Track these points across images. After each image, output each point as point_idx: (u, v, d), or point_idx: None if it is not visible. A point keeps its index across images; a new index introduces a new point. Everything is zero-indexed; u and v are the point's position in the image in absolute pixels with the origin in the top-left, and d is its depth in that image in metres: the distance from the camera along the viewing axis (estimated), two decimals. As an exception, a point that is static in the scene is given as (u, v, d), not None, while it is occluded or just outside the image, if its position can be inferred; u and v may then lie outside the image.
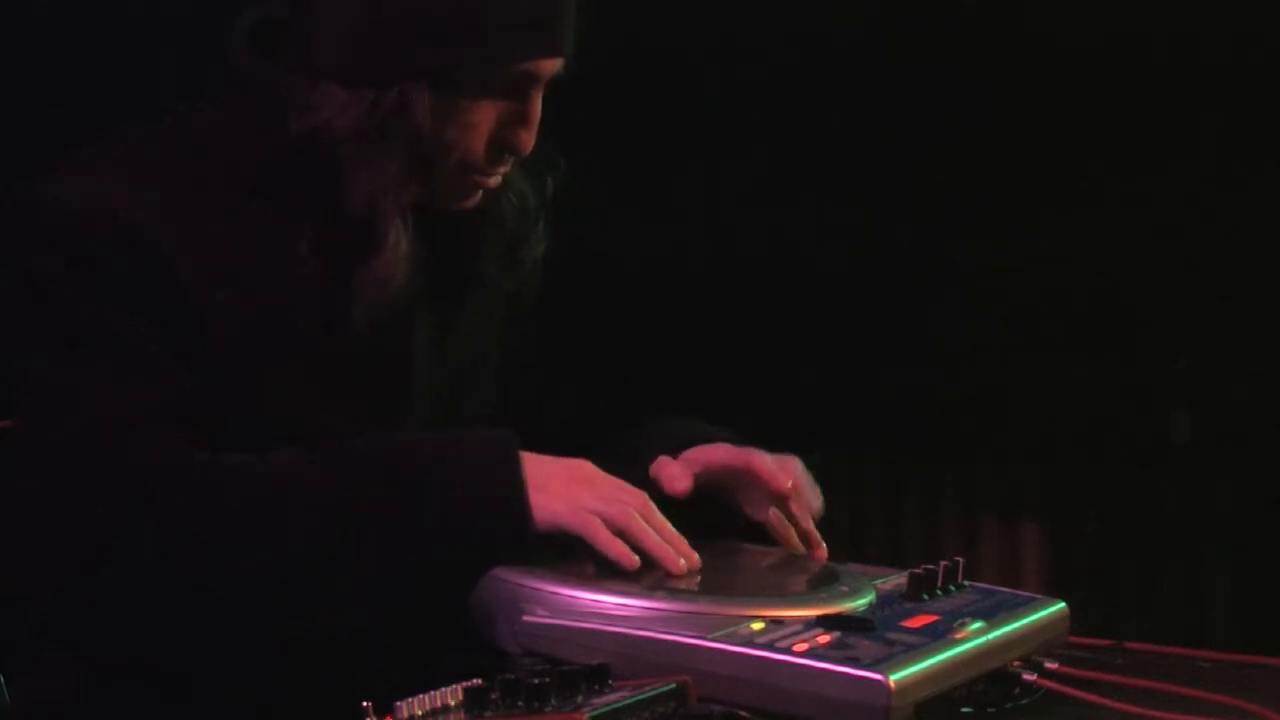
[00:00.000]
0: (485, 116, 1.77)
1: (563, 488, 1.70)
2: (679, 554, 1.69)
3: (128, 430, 1.67)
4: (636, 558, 1.67)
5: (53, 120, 2.34)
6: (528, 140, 1.80)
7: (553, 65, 1.79)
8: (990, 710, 1.58)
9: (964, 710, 1.57)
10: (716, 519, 1.85)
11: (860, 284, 3.44)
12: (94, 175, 1.76)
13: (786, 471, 1.84)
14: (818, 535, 1.87)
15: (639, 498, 1.73)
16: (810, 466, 1.90)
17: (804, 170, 3.39)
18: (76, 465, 1.66)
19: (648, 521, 1.70)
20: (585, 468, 1.74)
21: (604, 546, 1.68)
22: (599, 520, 1.68)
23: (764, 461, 1.84)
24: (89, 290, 1.70)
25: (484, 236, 1.89)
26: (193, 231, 1.73)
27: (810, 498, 1.86)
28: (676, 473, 1.84)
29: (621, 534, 1.68)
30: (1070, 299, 3.42)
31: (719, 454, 1.87)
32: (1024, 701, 1.59)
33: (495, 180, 1.84)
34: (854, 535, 3.51)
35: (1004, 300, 3.45)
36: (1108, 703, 1.55)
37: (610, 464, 1.76)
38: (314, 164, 1.75)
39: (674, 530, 1.72)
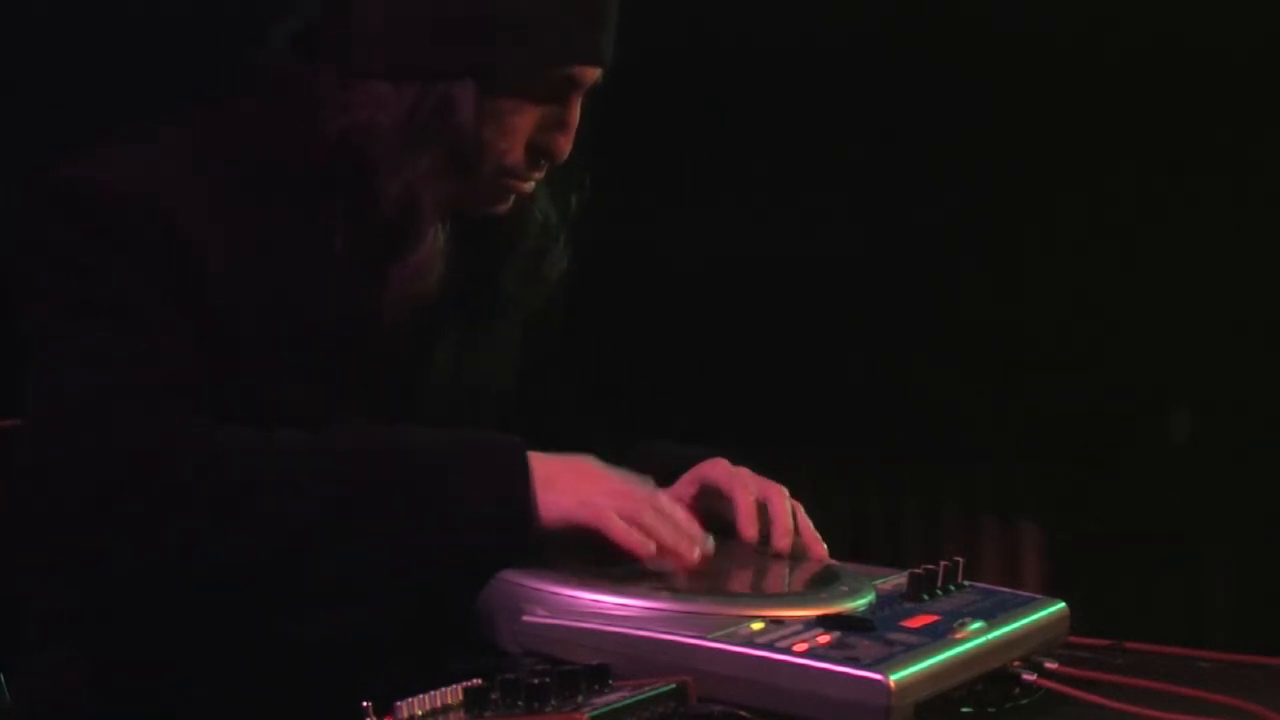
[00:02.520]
0: (525, 119, 1.79)
1: (571, 484, 1.70)
2: (692, 541, 1.70)
3: (137, 395, 1.67)
4: (653, 545, 1.67)
5: (78, 113, 2.34)
6: (565, 146, 1.81)
7: (593, 73, 1.81)
8: (990, 710, 1.58)
9: (964, 710, 1.57)
10: (714, 530, 1.85)
11: (861, 284, 3.44)
12: (124, 155, 1.77)
13: (777, 503, 1.84)
14: (815, 534, 1.86)
15: (648, 490, 1.73)
16: (810, 466, 1.90)
17: (805, 170, 3.39)
18: (80, 426, 1.66)
19: (658, 512, 1.70)
20: (591, 464, 1.74)
21: (619, 537, 1.67)
22: (611, 512, 1.68)
23: (745, 500, 1.84)
24: (110, 260, 1.71)
25: (508, 250, 1.90)
26: (220, 217, 1.74)
27: (780, 536, 1.85)
28: (678, 496, 1.84)
29: (634, 527, 1.69)
30: (1071, 298, 3.43)
31: (715, 472, 1.87)
32: (1024, 701, 1.59)
33: (530, 186, 1.85)
34: (854, 535, 3.51)
35: (1004, 300, 3.45)
36: (1108, 703, 1.55)
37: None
38: (353, 160, 1.76)
39: (685, 515, 1.73)
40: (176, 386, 1.69)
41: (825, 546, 1.85)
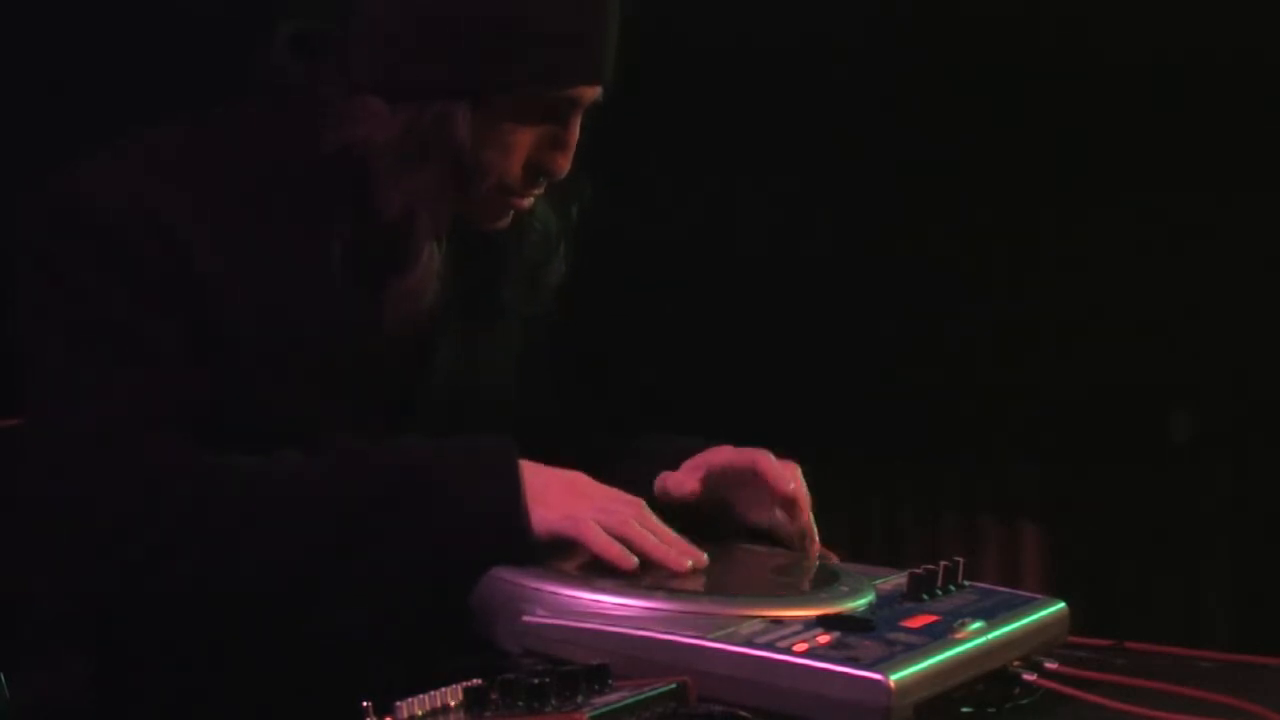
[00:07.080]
0: (523, 139, 1.77)
1: (559, 499, 1.70)
2: (681, 553, 1.69)
3: (137, 429, 1.67)
4: (634, 558, 1.67)
5: (84, 115, 2.34)
6: (564, 164, 1.80)
7: (593, 92, 1.79)
8: (990, 710, 1.58)
9: (964, 710, 1.57)
10: (719, 523, 1.85)
11: (861, 283, 3.44)
12: (125, 167, 1.76)
13: (791, 472, 1.84)
14: (815, 532, 1.86)
15: (635, 505, 1.73)
16: (810, 466, 1.90)
17: (807, 169, 3.40)
18: (85, 462, 1.67)
19: (644, 527, 1.70)
20: (581, 479, 1.74)
21: (600, 548, 1.67)
22: (594, 525, 1.68)
23: (769, 462, 1.84)
24: (112, 282, 1.70)
25: (508, 260, 1.89)
26: (220, 230, 1.73)
27: (806, 504, 1.85)
28: (681, 478, 1.84)
29: (620, 541, 1.68)
30: (1071, 299, 3.43)
31: (722, 455, 1.86)
32: (1024, 701, 1.59)
33: (529, 202, 1.84)
34: (854, 535, 3.51)
35: (1005, 300, 3.46)
36: (1108, 703, 1.55)
37: (610, 482, 1.76)
38: (350, 175, 1.75)
39: (672, 532, 1.73)
40: (174, 417, 1.69)
41: (819, 546, 1.85)
